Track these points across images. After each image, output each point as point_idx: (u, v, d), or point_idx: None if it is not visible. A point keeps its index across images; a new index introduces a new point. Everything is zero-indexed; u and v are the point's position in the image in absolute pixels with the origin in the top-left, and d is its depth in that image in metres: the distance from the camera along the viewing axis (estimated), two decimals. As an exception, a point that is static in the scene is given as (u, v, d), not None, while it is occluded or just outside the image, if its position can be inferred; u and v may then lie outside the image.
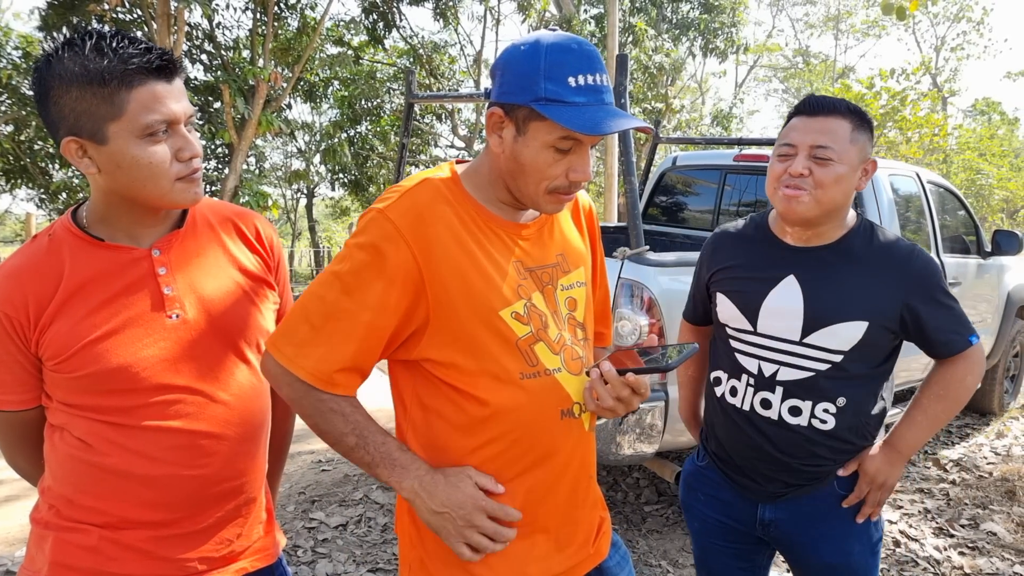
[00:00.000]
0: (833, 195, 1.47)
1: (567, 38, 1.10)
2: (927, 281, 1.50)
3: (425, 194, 1.14)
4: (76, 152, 1.10)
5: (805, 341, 1.53)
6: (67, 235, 1.16)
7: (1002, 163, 21.80)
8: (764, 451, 1.59)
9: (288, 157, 25.00)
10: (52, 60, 1.07)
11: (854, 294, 1.50)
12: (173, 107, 1.10)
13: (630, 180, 2.93)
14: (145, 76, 1.07)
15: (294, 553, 3.16)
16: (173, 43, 10.31)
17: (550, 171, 1.12)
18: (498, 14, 16.95)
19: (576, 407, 1.23)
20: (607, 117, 1.07)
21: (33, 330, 1.12)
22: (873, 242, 1.54)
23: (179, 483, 1.17)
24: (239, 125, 11.70)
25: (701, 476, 1.76)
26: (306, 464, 4.37)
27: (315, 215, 27.15)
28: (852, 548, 1.59)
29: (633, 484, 4.02)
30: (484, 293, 1.13)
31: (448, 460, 1.18)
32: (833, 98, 1.51)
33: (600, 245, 1.46)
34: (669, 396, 2.85)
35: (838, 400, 1.53)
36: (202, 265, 1.23)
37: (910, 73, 15.54)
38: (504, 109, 1.11)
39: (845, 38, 30.80)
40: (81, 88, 1.05)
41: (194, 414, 1.18)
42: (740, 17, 16.70)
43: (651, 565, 3.12)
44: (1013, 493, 3.90)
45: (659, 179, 5.32)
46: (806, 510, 1.60)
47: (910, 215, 4.31)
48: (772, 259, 1.59)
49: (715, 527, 1.73)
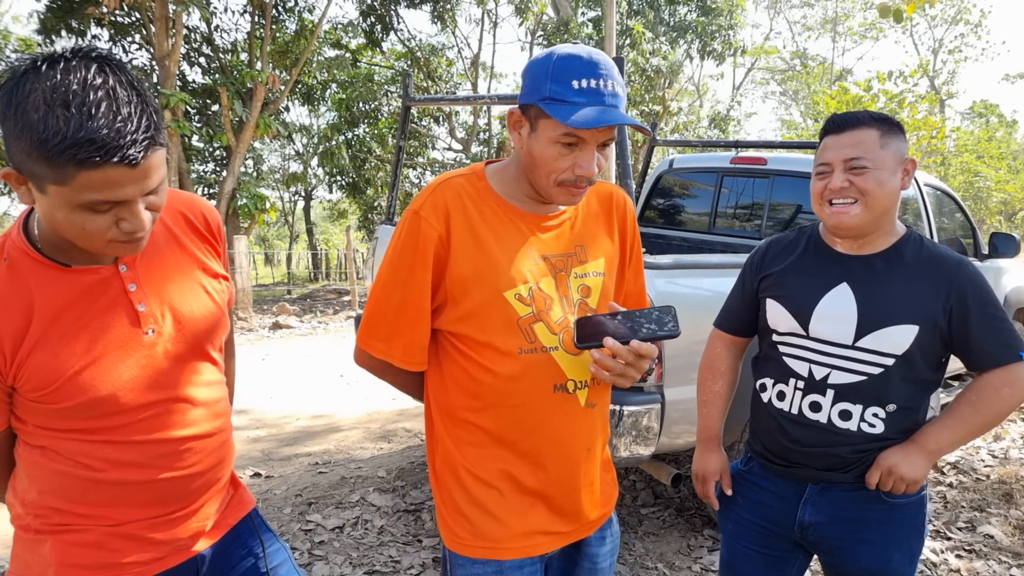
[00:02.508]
0: (880, 199, 1.51)
1: (580, 49, 1.23)
2: (977, 290, 1.51)
3: (448, 191, 1.31)
4: (16, 181, 1.00)
5: (858, 345, 1.54)
6: (27, 260, 1.08)
7: (1000, 165, 21.86)
8: (813, 451, 1.60)
9: (286, 160, 25.02)
10: (24, 84, 0.94)
11: (906, 298, 1.52)
12: (127, 190, 0.99)
13: (626, 182, 2.93)
14: (102, 162, 0.94)
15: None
16: (171, 46, 10.32)
17: (557, 164, 1.25)
18: (495, 17, 16.97)
19: (571, 383, 1.35)
20: (601, 114, 1.19)
21: (9, 366, 1.07)
22: (923, 251, 1.57)
23: (173, 483, 1.22)
24: (237, 128, 11.70)
25: (743, 479, 1.76)
26: (303, 466, 4.36)
27: (313, 218, 27.16)
28: (892, 555, 1.58)
29: (630, 487, 4.01)
30: (492, 276, 1.29)
31: (458, 419, 1.36)
32: (856, 112, 1.56)
33: (636, 239, 1.54)
34: (666, 399, 2.85)
35: (888, 405, 1.54)
36: (168, 273, 1.21)
37: (908, 76, 15.54)
38: (521, 109, 1.27)
39: (843, 41, 30.91)
40: (31, 142, 0.93)
41: (179, 421, 1.21)
42: (737, 20, 16.73)
43: (647, 568, 3.11)
44: (1010, 496, 3.90)
45: (656, 181, 5.32)
46: (848, 514, 1.60)
47: (907, 218, 4.32)
48: (824, 266, 1.62)
49: (749, 530, 1.72)
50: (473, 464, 1.35)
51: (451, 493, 1.38)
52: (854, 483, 1.59)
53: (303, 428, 5.20)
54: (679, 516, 3.65)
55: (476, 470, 1.35)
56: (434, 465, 1.43)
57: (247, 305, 10.77)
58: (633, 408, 2.78)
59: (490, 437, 1.34)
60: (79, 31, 11.49)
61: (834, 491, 1.61)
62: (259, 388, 6.40)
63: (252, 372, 7.13)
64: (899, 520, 1.59)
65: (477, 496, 1.35)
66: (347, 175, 16.55)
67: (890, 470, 1.53)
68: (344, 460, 4.49)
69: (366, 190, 16.79)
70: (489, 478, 1.35)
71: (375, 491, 3.89)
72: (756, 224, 4.57)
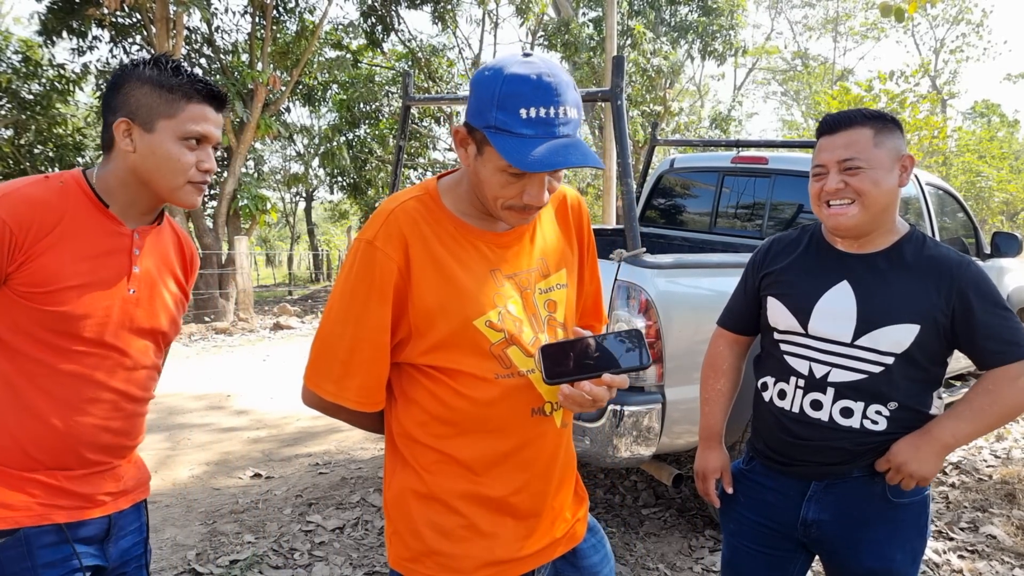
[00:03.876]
0: (876, 199, 1.50)
1: (531, 68, 1.11)
2: (981, 288, 1.50)
3: (404, 217, 1.22)
4: (124, 131, 1.32)
5: (857, 343, 1.54)
6: (77, 190, 1.33)
7: (1002, 165, 21.82)
8: (814, 449, 1.59)
9: (287, 160, 25.04)
10: (137, 65, 1.33)
11: (907, 297, 1.52)
12: (212, 129, 1.36)
13: (626, 182, 2.93)
14: (202, 99, 1.34)
15: (291, 556, 3.15)
16: (172, 47, 10.32)
17: (504, 192, 1.17)
18: (496, 17, 16.98)
19: (547, 406, 1.31)
20: (549, 153, 1.09)
21: (21, 252, 1.25)
22: (925, 250, 1.56)
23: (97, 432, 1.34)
24: (238, 129, 11.70)
25: (745, 478, 1.76)
26: (303, 467, 4.36)
27: (314, 218, 27.18)
28: (894, 555, 1.57)
29: (631, 487, 4.00)
30: (459, 305, 1.21)
31: (428, 448, 1.28)
32: (850, 111, 1.54)
33: (591, 240, 1.49)
34: (667, 399, 2.84)
35: (890, 403, 1.54)
36: (158, 260, 1.44)
37: (909, 75, 15.52)
38: (467, 128, 1.18)
39: (844, 41, 30.89)
40: (152, 88, 1.31)
41: (121, 376, 1.36)
42: (739, 20, 16.72)
43: (648, 569, 3.10)
44: (1013, 496, 3.89)
45: (657, 181, 5.31)
46: (852, 512, 1.59)
47: (909, 217, 4.30)
48: (825, 264, 1.62)
49: (751, 529, 1.72)
50: (442, 492, 1.27)
51: (413, 523, 1.29)
52: (858, 477, 1.58)
53: (304, 429, 5.20)
54: (680, 517, 3.64)
55: (446, 497, 1.27)
56: (390, 495, 1.34)
57: (248, 306, 10.77)
58: (634, 408, 2.78)
59: (461, 466, 1.27)
60: (80, 32, 11.50)
61: (838, 488, 1.60)
62: (260, 389, 6.40)
63: (253, 373, 7.13)
64: (902, 520, 1.58)
65: (443, 525, 1.27)
66: (348, 176, 16.55)
67: (899, 468, 1.52)
68: (345, 461, 4.49)
69: (367, 191, 16.78)
70: (458, 506, 1.27)
71: (375, 492, 3.89)
72: (757, 224, 4.56)
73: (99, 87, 11.87)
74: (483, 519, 1.28)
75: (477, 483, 1.27)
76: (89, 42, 11.94)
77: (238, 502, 3.77)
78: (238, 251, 10.79)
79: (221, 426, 5.24)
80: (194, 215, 11.66)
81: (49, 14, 11.01)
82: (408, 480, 1.29)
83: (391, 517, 1.33)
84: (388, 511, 1.34)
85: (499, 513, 1.29)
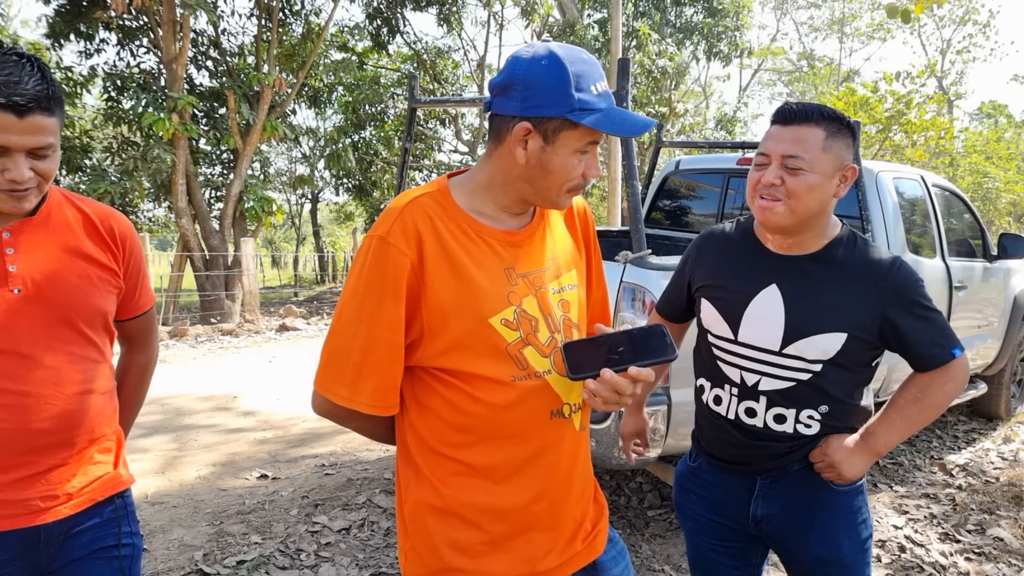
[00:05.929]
0: (807, 204, 1.47)
1: (575, 49, 1.20)
2: (908, 293, 1.50)
3: (417, 213, 1.19)
4: None
5: (785, 352, 1.54)
6: None
7: (1009, 166, 21.71)
8: (754, 451, 1.62)
9: (292, 162, 25.11)
10: None
11: (833, 306, 1.51)
12: (10, 138, 1.18)
13: (632, 184, 2.93)
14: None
15: (297, 556, 3.16)
16: (179, 49, 10.36)
17: (574, 173, 1.21)
18: (502, 19, 17.01)
19: (566, 407, 1.28)
20: (630, 118, 1.20)
21: None
22: (855, 253, 1.54)
23: (8, 437, 1.28)
24: (244, 131, 11.75)
25: (693, 476, 1.77)
26: (309, 468, 4.37)
27: (319, 220, 27.23)
28: (841, 542, 1.60)
29: (636, 489, 4.00)
30: (474, 303, 1.19)
31: (445, 458, 1.24)
32: (809, 105, 1.51)
33: (596, 244, 1.49)
34: (672, 400, 2.84)
35: (820, 408, 1.55)
36: (47, 248, 1.35)
37: (915, 76, 15.46)
38: (532, 123, 1.17)
39: (850, 41, 30.82)
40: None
41: (21, 376, 1.29)
42: (744, 21, 16.71)
43: (654, 570, 3.10)
44: (1020, 498, 3.87)
45: (662, 183, 5.31)
46: (796, 504, 1.62)
47: (915, 219, 4.29)
48: (756, 266, 1.60)
49: (708, 526, 1.74)
50: (460, 506, 1.23)
51: (432, 540, 1.25)
52: (799, 471, 1.61)
53: (310, 430, 5.21)
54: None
55: (465, 512, 1.23)
56: (406, 509, 1.29)
57: (254, 307, 10.80)
58: (639, 410, 2.78)
59: (479, 475, 1.23)
60: (87, 35, 11.56)
61: (781, 483, 1.63)
62: (266, 390, 6.42)
63: (259, 374, 7.15)
64: (843, 506, 1.61)
65: (462, 541, 1.24)
66: (353, 177, 16.59)
67: (831, 465, 1.55)
68: (351, 462, 4.50)
69: (372, 192, 16.83)
70: (477, 520, 1.24)
71: (381, 493, 3.90)
72: (763, 225, 4.55)
73: (106, 90, 11.91)
74: (503, 533, 1.25)
75: (496, 494, 1.24)
76: (96, 45, 12.00)
77: (245, 503, 3.78)
78: (244, 253, 10.82)
79: (228, 427, 5.26)
80: (200, 216, 11.71)
81: (57, 17, 11.07)
82: (424, 494, 1.26)
83: (407, 533, 1.29)
84: (404, 526, 1.30)
85: (519, 526, 1.26)
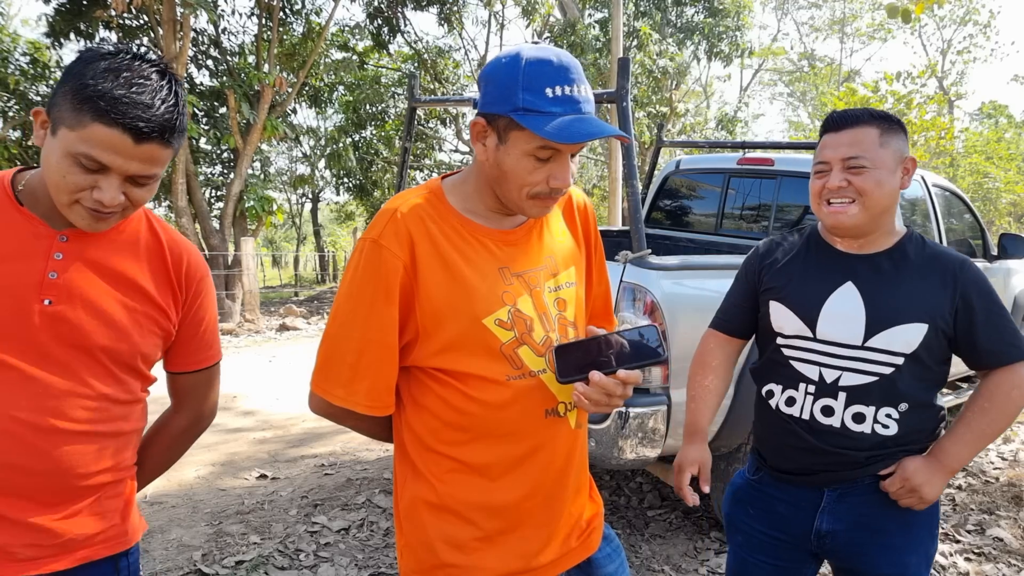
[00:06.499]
0: (878, 199, 1.50)
1: (546, 51, 1.15)
2: (981, 287, 1.51)
3: (410, 215, 1.20)
4: (40, 121, 1.13)
5: (868, 345, 1.52)
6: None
7: (1009, 166, 21.68)
8: (826, 458, 1.57)
9: (293, 162, 25.10)
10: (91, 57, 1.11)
11: (913, 297, 1.51)
12: (117, 159, 1.07)
13: (632, 184, 2.92)
14: (115, 124, 1.06)
15: (296, 557, 3.16)
16: (179, 48, 10.36)
17: (530, 178, 1.17)
18: (502, 19, 17.00)
19: (561, 406, 1.29)
20: (581, 125, 1.12)
21: None
22: (926, 250, 1.56)
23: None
24: (244, 130, 11.74)
25: (753, 488, 1.73)
26: (308, 468, 4.37)
27: (320, 220, 27.23)
28: (909, 560, 1.57)
29: (636, 489, 4.00)
30: (467, 304, 1.19)
31: (441, 455, 1.25)
32: (856, 109, 1.54)
33: (598, 241, 1.48)
34: (672, 400, 2.84)
35: (900, 405, 1.53)
36: (100, 267, 1.19)
37: (916, 76, 15.45)
38: (487, 119, 1.17)
39: (850, 42, 30.77)
40: (74, 89, 1.07)
41: (25, 401, 1.12)
42: (745, 21, 16.68)
43: (654, 570, 3.10)
44: (1020, 499, 3.87)
45: (662, 183, 5.31)
46: (867, 520, 1.58)
47: (915, 219, 4.29)
48: (827, 267, 1.60)
49: (760, 542, 1.69)
50: (456, 503, 1.25)
51: (427, 536, 1.26)
52: (869, 484, 1.57)
53: (309, 430, 5.21)
54: (686, 518, 3.64)
55: (460, 508, 1.25)
56: (402, 505, 1.30)
57: (254, 307, 10.80)
58: (639, 410, 2.77)
59: (475, 473, 1.24)
60: (87, 34, 11.55)
61: (852, 497, 1.59)
62: (266, 389, 6.41)
63: (259, 373, 7.15)
64: (916, 524, 1.57)
65: (457, 537, 1.25)
66: (354, 177, 16.58)
67: (914, 489, 1.50)
68: (350, 462, 4.50)
69: (373, 192, 16.81)
70: (472, 517, 1.25)
71: (381, 493, 3.90)
72: (763, 225, 4.55)
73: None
74: (497, 529, 1.26)
75: (490, 490, 1.25)
76: (96, 44, 11.95)
77: (244, 503, 3.78)
78: (244, 252, 10.81)
79: (227, 427, 5.25)
80: (200, 216, 11.71)
81: (57, 16, 11.07)
82: (420, 491, 1.27)
83: (403, 530, 1.31)
84: (400, 523, 1.32)
85: (514, 522, 1.27)
